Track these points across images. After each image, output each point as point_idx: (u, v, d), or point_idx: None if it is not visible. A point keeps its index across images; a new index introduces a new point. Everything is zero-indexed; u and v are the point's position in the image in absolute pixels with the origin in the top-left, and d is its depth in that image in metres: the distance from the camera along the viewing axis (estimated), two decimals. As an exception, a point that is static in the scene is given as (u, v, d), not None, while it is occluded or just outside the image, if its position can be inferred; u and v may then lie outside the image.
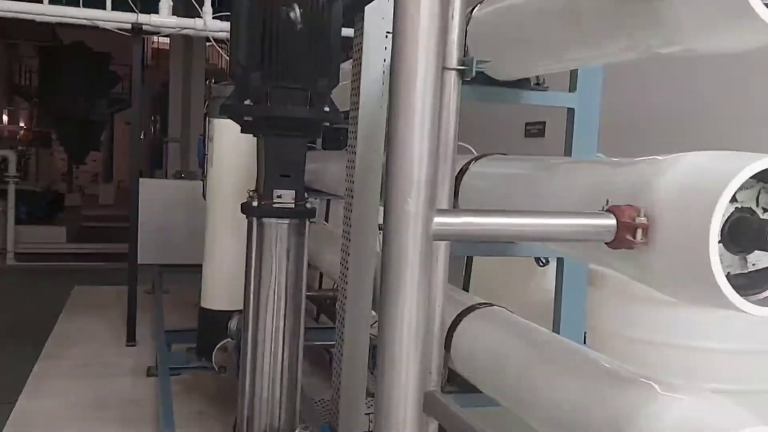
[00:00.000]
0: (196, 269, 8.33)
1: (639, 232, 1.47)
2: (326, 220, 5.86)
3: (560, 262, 2.62)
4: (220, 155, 4.20)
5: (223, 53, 5.42)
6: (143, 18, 5.22)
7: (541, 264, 3.20)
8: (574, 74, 2.58)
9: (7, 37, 18.42)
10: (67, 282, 7.98)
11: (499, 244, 2.57)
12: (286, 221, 2.76)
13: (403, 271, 1.45)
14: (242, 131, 2.81)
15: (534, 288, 3.32)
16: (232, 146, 4.20)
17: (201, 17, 5.31)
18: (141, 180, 11.57)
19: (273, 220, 2.75)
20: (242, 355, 2.90)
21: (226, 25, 5.29)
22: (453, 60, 1.92)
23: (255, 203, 2.74)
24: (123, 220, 14.44)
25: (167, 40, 15.29)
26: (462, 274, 3.70)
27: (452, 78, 1.92)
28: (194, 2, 5.30)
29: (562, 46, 1.98)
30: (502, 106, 5.30)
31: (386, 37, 3.23)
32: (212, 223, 4.28)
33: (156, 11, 5.20)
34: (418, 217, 1.43)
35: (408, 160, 1.42)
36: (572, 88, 2.59)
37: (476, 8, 2.47)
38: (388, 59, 3.25)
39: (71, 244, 12.08)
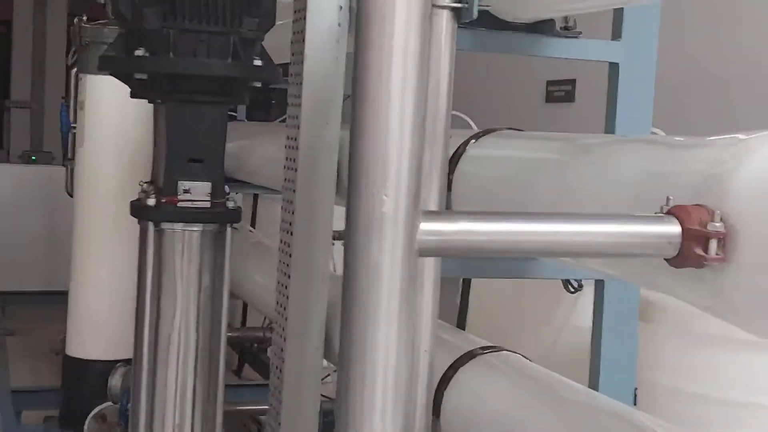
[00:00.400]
0: (53, 299, 8.30)
1: (714, 244, 1.53)
2: (252, 225, 5.87)
3: (599, 286, 2.69)
4: (95, 130, 4.21)
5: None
6: None
7: (572, 290, 3.27)
8: (618, 16, 2.65)
9: None
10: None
11: (512, 261, 2.63)
12: (198, 227, 2.79)
13: (374, 302, 1.49)
14: (132, 95, 2.83)
15: (561, 324, 3.40)
16: (113, 117, 4.22)
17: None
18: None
19: (178, 225, 2.78)
20: (131, 426, 2.92)
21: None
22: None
23: (151, 201, 2.76)
24: None
25: None
26: (456, 305, 3.76)
27: (444, 19, 1.98)
28: None
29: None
30: (515, 59, 5.38)
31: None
32: (82, 231, 4.28)
33: None
34: (398, 222, 1.47)
35: (382, 139, 1.46)
36: (616, 35, 2.66)
37: None
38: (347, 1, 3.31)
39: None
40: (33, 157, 11.77)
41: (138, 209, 2.82)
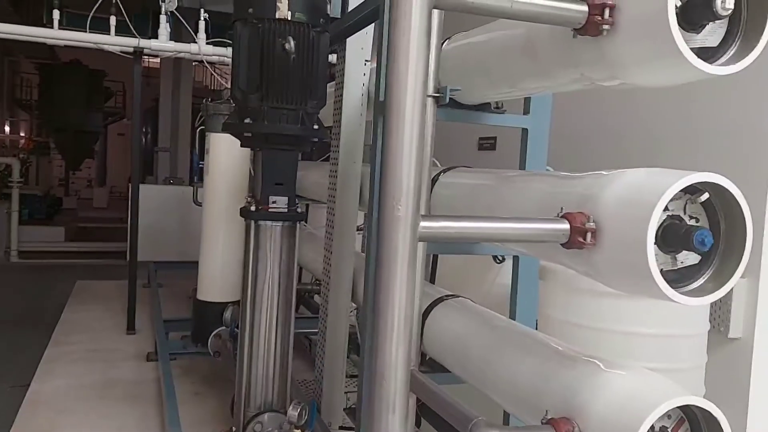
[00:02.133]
0: (185, 265, 8.33)
1: (589, 235, 1.57)
2: (305, 221, 5.89)
3: (515, 259, 2.72)
4: (215, 165, 4.23)
5: (215, 75, 5.43)
6: (144, 43, 5.22)
7: (498, 261, 3.31)
8: (527, 99, 2.69)
9: (8, 54, 18.12)
10: (68, 277, 7.89)
11: (465, 244, 2.65)
12: (280, 224, 2.83)
13: (394, 268, 1.53)
14: (242, 145, 2.86)
15: (492, 282, 3.43)
16: (225, 157, 4.24)
17: (196, 42, 5.33)
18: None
19: (269, 222, 2.81)
20: (239, 341, 2.95)
21: (218, 50, 5.33)
22: (430, 88, 2.01)
23: (253, 208, 2.79)
24: (115, 222, 14.41)
25: (158, 59, 15.15)
26: (428, 269, 3.79)
27: (429, 103, 2.02)
28: (189, 29, 5.31)
29: (520, 77, 2.09)
30: (460, 123, 5.41)
31: (365, 64, 3.33)
32: (208, 224, 4.31)
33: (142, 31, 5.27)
34: (407, 221, 1.51)
35: (398, 171, 1.50)
36: (526, 111, 2.69)
37: (445, 43, 2.57)
38: (367, 83, 3.35)
39: (70, 243, 12.00)
40: (170, 181, 11.80)
41: (245, 212, 2.84)
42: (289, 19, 2.65)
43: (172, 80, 14.06)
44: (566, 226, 1.61)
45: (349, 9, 3.26)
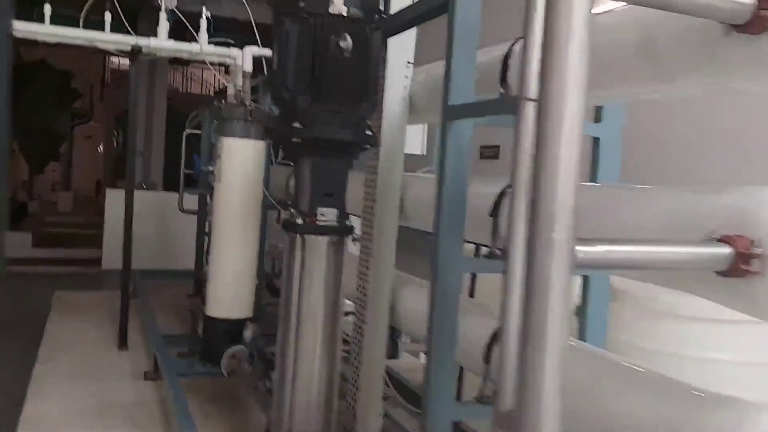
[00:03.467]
0: (167, 274, 7.95)
1: (755, 262, 1.37)
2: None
3: (585, 279, 2.53)
4: (229, 172, 3.94)
5: (220, 76, 5.13)
6: (142, 41, 4.90)
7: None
8: (598, 107, 2.50)
9: (-30, 53, 17.37)
10: (40, 286, 7.47)
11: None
12: (329, 238, 2.57)
13: (547, 298, 1.30)
14: (285, 152, 2.61)
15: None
16: (240, 164, 3.96)
17: (197, 42, 5.03)
18: (109, 190, 11.13)
19: (316, 237, 2.55)
20: (279, 366, 2.68)
21: (220, 50, 5.03)
22: (534, 91, 1.79)
23: (299, 221, 2.53)
24: (82, 227, 13.85)
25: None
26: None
27: (531, 108, 1.80)
28: (190, 27, 5.01)
29: (630, 81, 1.89)
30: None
31: (407, 66, 3.10)
32: (220, 236, 4.01)
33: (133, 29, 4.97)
34: (564, 245, 1.28)
35: (555, 186, 1.28)
36: (597, 119, 2.50)
37: (518, 43, 2.36)
38: (408, 85, 3.12)
39: (38, 249, 11.51)
40: (144, 185, 11.46)
41: (289, 226, 2.58)
42: (344, 14, 2.40)
43: (146, 82, 13.59)
44: (728, 250, 1.40)
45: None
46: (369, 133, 2.56)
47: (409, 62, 3.06)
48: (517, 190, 1.71)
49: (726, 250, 1.41)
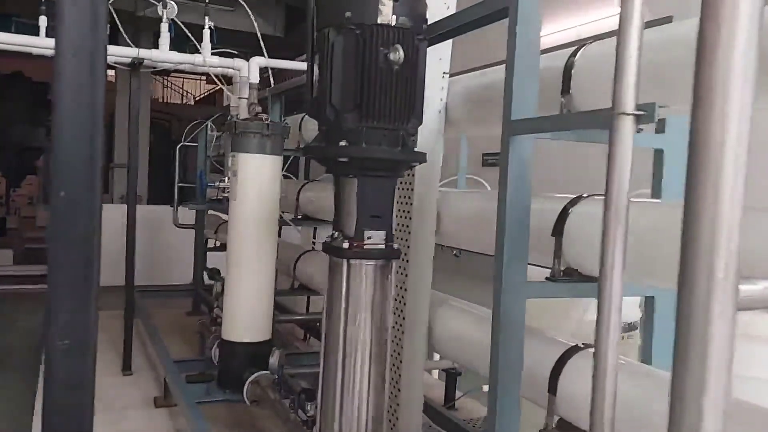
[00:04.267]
0: (160, 291, 7.68)
1: None
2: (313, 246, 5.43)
3: (649, 300, 2.39)
4: (246, 190, 3.74)
5: (225, 89, 4.93)
6: (144, 53, 4.68)
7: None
8: (661, 122, 2.37)
9: (-58, 66, 16.94)
10: (27, 306, 7.15)
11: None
12: (376, 263, 2.40)
13: (708, 347, 1.15)
14: (330, 171, 2.43)
15: (580, 320, 3.08)
16: (256, 180, 3.77)
17: (200, 53, 4.82)
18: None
19: (363, 261, 2.38)
20: (322, 401, 2.49)
21: (224, 61, 4.83)
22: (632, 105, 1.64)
23: (345, 245, 2.35)
24: (67, 242, 13.45)
25: (112, 72, 14.39)
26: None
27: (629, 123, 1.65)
28: (193, 39, 4.80)
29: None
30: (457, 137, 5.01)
31: (443, 77, 2.95)
32: (237, 256, 3.80)
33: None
34: (729, 285, 1.13)
35: (720, 217, 1.13)
36: (660, 129, 2.37)
37: (581, 50, 2.22)
38: (445, 97, 2.96)
39: (20, 267, 11.14)
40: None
41: (334, 250, 2.40)
42: (393, 24, 2.24)
43: (128, 94, 13.33)
44: None
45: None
46: (417, 150, 2.39)
47: (444, 73, 2.90)
48: (612, 212, 1.56)
49: None
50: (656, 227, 1.88)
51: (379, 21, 2.24)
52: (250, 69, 4.54)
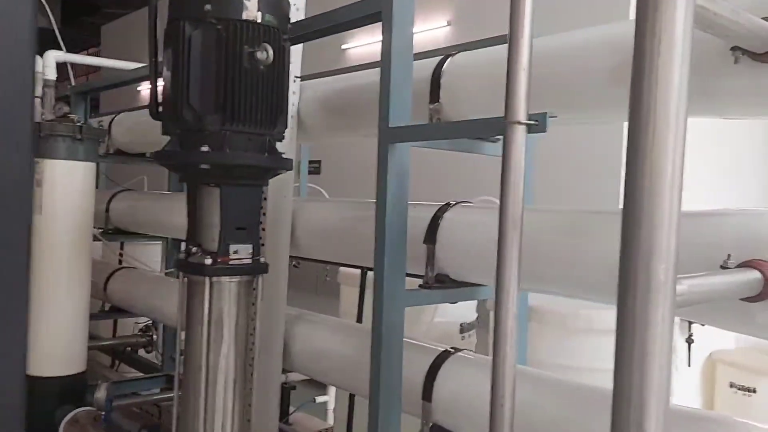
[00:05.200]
0: None
1: (785, 283, 1.42)
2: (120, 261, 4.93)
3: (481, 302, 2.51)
4: (52, 202, 3.28)
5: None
6: None
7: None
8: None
9: None
10: None
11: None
12: (242, 278, 2.23)
13: (651, 348, 1.20)
14: (190, 181, 2.21)
15: (430, 322, 3.15)
16: (64, 191, 3.33)
17: None
18: None
19: (227, 278, 2.19)
20: (181, 428, 2.26)
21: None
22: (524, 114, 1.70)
23: (208, 261, 2.15)
24: None
25: None
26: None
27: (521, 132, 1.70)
28: None
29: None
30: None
31: (294, 81, 2.84)
32: (42, 278, 3.31)
33: None
34: (668, 285, 1.20)
35: (662, 219, 1.18)
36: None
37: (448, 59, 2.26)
38: (297, 102, 2.84)
39: None
40: None
41: (194, 266, 2.19)
42: (260, 21, 2.10)
43: None
44: (757, 276, 1.44)
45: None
46: (286, 156, 2.27)
47: (296, 77, 2.80)
48: (508, 220, 1.60)
49: (755, 275, 1.44)
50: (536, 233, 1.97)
51: (243, 17, 2.08)
52: (45, 64, 4.02)
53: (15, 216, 2.03)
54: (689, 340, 2.91)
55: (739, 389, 3.12)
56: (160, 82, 2.26)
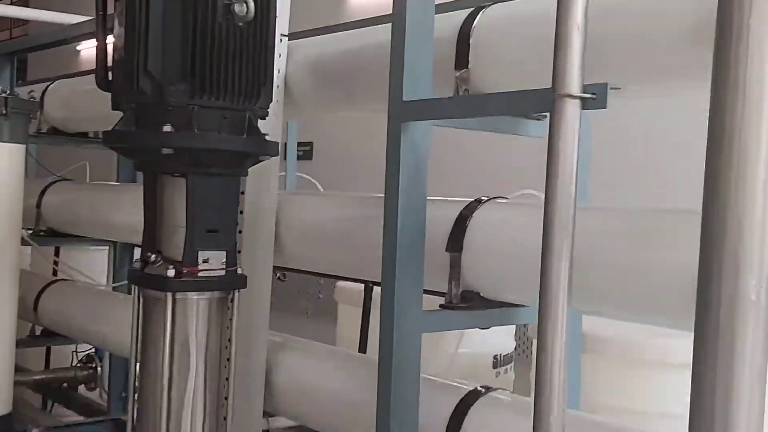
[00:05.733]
0: None
1: None
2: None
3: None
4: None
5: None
6: None
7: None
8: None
9: None
10: None
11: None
12: (214, 295, 2.27)
13: (735, 382, 1.24)
14: (146, 169, 2.25)
15: (454, 353, 3.19)
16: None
17: None
18: None
19: (194, 294, 2.24)
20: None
21: None
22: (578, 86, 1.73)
23: (170, 272, 2.19)
24: None
25: None
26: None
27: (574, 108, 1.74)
28: None
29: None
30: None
31: (280, 41, 2.89)
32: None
33: None
34: (760, 305, 1.24)
35: (754, 235, 1.22)
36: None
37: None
38: (284, 68, 2.89)
39: None
40: None
41: (153, 279, 2.23)
42: (234, -33, 2.15)
43: None
44: None
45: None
46: (269, 139, 2.32)
47: (283, 35, 2.84)
48: (554, 225, 1.63)
49: None
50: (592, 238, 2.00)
51: (216, -34, 2.13)
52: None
53: None
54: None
55: None
56: (110, 41, 2.30)
